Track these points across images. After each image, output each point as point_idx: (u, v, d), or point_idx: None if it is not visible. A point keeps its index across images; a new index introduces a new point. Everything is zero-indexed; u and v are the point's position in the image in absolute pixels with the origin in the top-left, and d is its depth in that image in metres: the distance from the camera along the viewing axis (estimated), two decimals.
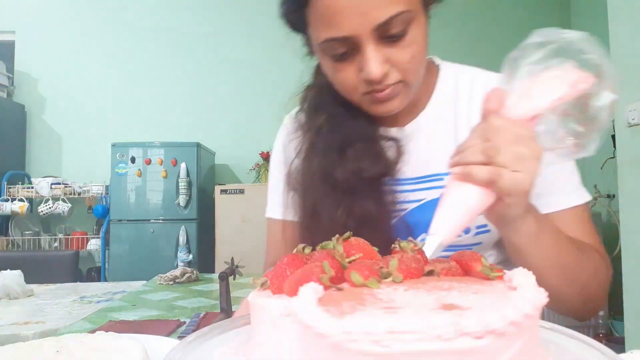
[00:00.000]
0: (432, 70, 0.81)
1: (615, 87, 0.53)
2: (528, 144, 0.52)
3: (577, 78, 0.52)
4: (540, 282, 0.33)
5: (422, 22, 0.67)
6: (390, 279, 0.36)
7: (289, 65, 0.69)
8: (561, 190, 0.72)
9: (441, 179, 0.75)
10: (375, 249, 0.43)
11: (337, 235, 0.43)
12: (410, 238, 0.44)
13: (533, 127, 0.53)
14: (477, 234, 0.74)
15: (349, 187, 0.73)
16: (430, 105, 0.79)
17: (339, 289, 0.34)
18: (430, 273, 0.39)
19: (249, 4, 4.12)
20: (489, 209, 0.54)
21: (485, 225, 0.73)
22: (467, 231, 0.74)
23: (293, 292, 0.34)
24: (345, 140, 0.75)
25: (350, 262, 0.39)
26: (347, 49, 0.65)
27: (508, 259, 0.66)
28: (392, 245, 0.44)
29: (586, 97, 0.53)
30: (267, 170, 3.84)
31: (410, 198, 0.76)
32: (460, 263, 0.40)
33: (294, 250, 0.42)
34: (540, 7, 4.18)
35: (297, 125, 0.83)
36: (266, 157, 3.63)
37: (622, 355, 0.43)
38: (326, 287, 0.35)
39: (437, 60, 0.84)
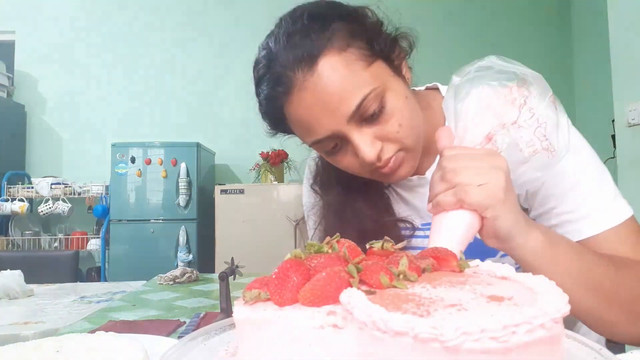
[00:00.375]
0: (438, 102, 0.78)
1: (542, 85, 0.56)
2: (485, 158, 0.53)
3: (504, 92, 0.56)
4: (570, 303, 0.30)
5: (398, 86, 0.67)
6: (401, 277, 0.36)
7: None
8: (591, 213, 0.66)
9: None
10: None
11: (327, 238, 0.42)
12: (386, 237, 0.43)
13: (492, 147, 0.56)
14: (504, 255, 0.70)
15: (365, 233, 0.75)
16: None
17: (372, 292, 0.33)
18: (424, 270, 0.39)
19: (249, 5, 4.12)
20: (482, 233, 0.55)
21: None
22: (494, 254, 0.73)
23: (327, 300, 0.33)
24: (359, 205, 0.79)
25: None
26: (336, 142, 0.67)
27: None
28: (368, 245, 0.43)
29: (524, 103, 0.56)
30: (267, 170, 3.84)
31: None
32: (437, 259, 0.41)
33: (292, 255, 0.39)
34: (540, 7, 4.18)
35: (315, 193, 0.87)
36: (266, 157, 3.63)
37: (621, 355, 0.43)
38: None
39: (442, 89, 0.81)
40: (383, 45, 0.66)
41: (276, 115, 0.70)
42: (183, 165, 3.45)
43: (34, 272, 1.86)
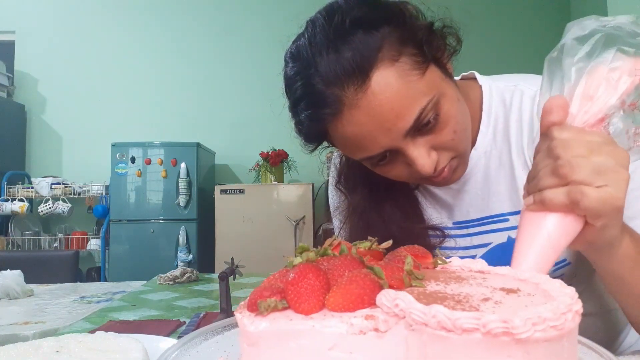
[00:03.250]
0: (475, 93, 0.72)
1: None
2: (607, 150, 0.44)
3: (637, 65, 0.45)
4: None
5: (450, 90, 0.60)
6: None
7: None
8: None
9: (506, 220, 0.69)
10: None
11: (328, 240, 0.41)
12: (370, 237, 0.42)
13: (603, 130, 0.46)
14: (557, 269, 0.67)
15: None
16: (479, 140, 0.71)
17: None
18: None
19: (249, 5, 4.12)
20: (578, 238, 0.46)
21: (564, 260, 0.66)
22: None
23: (361, 304, 0.32)
24: (386, 207, 0.73)
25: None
26: (386, 154, 0.61)
27: (586, 289, 0.60)
28: (354, 245, 0.41)
29: None
30: (267, 170, 3.84)
31: (475, 242, 0.72)
32: (416, 256, 0.40)
33: (303, 259, 0.37)
34: (540, 7, 4.18)
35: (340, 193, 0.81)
36: (266, 157, 3.63)
37: (622, 357, 0.43)
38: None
39: (479, 79, 0.74)
40: (434, 48, 0.60)
41: (319, 135, 0.64)
42: (183, 165, 3.44)
43: (34, 272, 1.86)
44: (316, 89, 0.57)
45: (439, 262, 0.41)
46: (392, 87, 0.55)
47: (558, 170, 0.44)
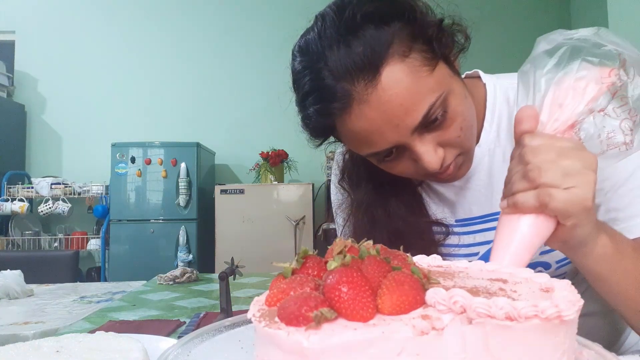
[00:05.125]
0: (479, 91, 0.73)
1: None
2: (576, 154, 0.46)
3: (602, 73, 0.48)
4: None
5: (458, 87, 0.61)
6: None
7: (290, 65, 0.67)
8: None
9: None
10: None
11: (341, 242, 0.39)
12: (352, 239, 0.41)
13: (574, 136, 0.49)
14: (559, 267, 0.69)
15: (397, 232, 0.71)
16: (483, 137, 0.71)
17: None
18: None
19: (249, 5, 4.12)
20: (551, 238, 0.49)
21: (566, 258, 0.67)
22: (548, 267, 0.70)
23: (415, 305, 0.31)
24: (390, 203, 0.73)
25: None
26: (392, 150, 0.61)
27: (589, 288, 0.59)
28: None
29: (618, 90, 0.49)
30: (267, 170, 3.84)
31: (478, 240, 0.72)
32: (395, 256, 0.40)
33: (338, 262, 0.33)
34: (540, 7, 4.18)
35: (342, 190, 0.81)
36: (266, 157, 3.63)
37: (622, 357, 0.43)
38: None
39: (483, 77, 0.75)
40: (443, 45, 0.60)
41: (326, 129, 0.63)
42: (183, 165, 3.45)
43: (34, 272, 1.86)
44: (325, 83, 0.57)
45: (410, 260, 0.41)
46: (402, 83, 0.55)
47: (528, 174, 0.47)
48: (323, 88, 0.58)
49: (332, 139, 0.68)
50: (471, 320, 0.30)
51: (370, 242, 0.39)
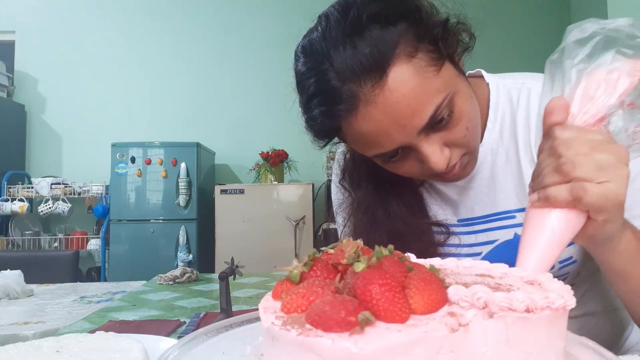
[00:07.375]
0: (482, 90, 0.72)
1: None
2: (608, 148, 0.46)
3: (635, 66, 0.47)
4: None
5: (463, 87, 0.60)
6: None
7: (290, 65, 0.67)
8: None
9: (513, 217, 0.69)
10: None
11: (348, 242, 0.39)
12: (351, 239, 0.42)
13: (602, 129, 0.48)
14: (562, 267, 0.68)
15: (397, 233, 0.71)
16: (485, 136, 0.71)
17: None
18: None
19: (249, 5, 4.12)
20: (580, 233, 0.48)
21: (570, 258, 0.67)
22: (550, 267, 0.70)
23: (442, 303, 0.32)
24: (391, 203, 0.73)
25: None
26: (398, 152, 0.61)
27: (590, 288, 0.60)
28: (324, 249, 0.40)
29: None
30: (267, 170, 3.84)
31: (480, 239, 0.72)
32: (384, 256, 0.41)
33: (365, 264, 0.32)
34: (540, 7, 4.18)
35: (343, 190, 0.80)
36: (266, 157, 3.63)
37: (622, 357, 0.43)
38: None
39: (486, 77, 0.74)
40: (449, 45, 0.59)
41: (331, 131, 0.63)
42: (183, 165, 3.45)
43: (34, 272, 1.86)
44: (331, 84, 0.56)
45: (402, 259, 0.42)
46: (409, 84, 0.55)
47: (561, 167, 0.46)
48: (329, 90, 0.57)
49: (335, 139, 0.68)
50: (492, 315, 0.31)
51: (361, 242, 0.39)
